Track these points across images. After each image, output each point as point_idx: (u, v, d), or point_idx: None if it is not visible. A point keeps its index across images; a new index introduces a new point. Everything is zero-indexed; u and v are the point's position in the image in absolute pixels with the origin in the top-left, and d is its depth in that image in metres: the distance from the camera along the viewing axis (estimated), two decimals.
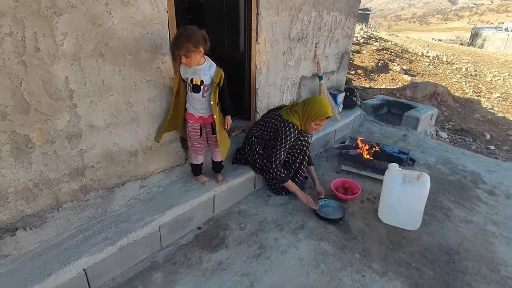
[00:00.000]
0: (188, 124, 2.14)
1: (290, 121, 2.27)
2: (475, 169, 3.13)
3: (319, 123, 2.29)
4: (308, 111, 2.27)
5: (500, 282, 1.87)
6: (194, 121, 2.11)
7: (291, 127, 2.25)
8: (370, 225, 2.30)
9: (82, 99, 1.77)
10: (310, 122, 2.29)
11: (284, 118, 2.31)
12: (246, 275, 1.84)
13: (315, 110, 2.25)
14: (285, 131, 2.25)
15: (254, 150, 2.45)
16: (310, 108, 2.27)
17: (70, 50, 1.65)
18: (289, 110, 2.36)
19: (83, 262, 1.62)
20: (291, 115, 2.31)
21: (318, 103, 2.27)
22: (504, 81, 9.50)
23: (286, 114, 2.32)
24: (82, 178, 1.89)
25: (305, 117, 2.29)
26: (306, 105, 2.30)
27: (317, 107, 2.25)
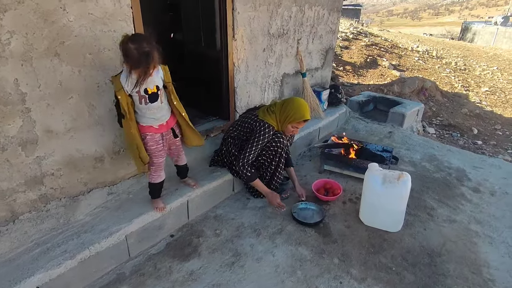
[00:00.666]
0: (146, 139, 1.83)
1: (266, 121, 2.17)
2: (461, 166, 3.07)
3: (296, 125, 2.20)
4: (286, 112, 2.18)
5: (482, 284, 1.80)
6: (154, 132, 1.84)
7: (266, 127, 2.16)
8: (351, 227, 2.22)
9: (37, 103, 1.64)
10: (287, 124, 2.19)
11: (261, 118, 2.21)
12: (218, 286, 1.74)
13: (293, 112, 2.16)
14: (259, 130, 2.15)
15: (230, 152, 2.34)
16: (288, 109, 2.18)
17: (19, 49, 1.52)
18: (267, 110, 2.26)
19: (37, 279, 1.51)
20: (267, 116, 2.21)
21: (297, 105, 2.17)
22: (492, 75, 9.52)
23: (263, 114, 2.22)
24: (41, 187, 1.77)
25: (282, 118, 2.20)
26: (285, 106, 2.21)
27: (295, 109, 2.16)
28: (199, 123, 2.91)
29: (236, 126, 2.37)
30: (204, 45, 2.94)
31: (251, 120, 2.26)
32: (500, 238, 2.17)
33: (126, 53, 1.58)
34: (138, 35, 1.70)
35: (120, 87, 1.65)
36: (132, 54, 1.57)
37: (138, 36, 1.66)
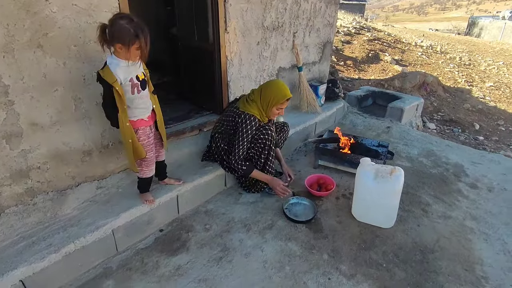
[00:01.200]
0: (139, 133, 1.77)
1: (247, 112, 2.14)
2: (459, 161, 3.01)
3: (280, 106, 2.17)
4: (267, 97, 2.15)
5: (475, 282, 1.76)
6: (144, 126, 1.80)
7: (248, 118, 2.12)
8: (342, 223, 2.19)
9: (20, 95, 1.63)
10: (270, 108, 2.16)
11: (241, 110, 2.17)
12: (204, 281, 1.72)
13: (274, 95, 2.13)
14: (243, 123, 2.12)
15: (219, 147, 2.31)
16: (268, 93, 2.15)
17: (0, 41, 1.50)
18: (246, 100, 2.22)
19: (20, 273, 1.50)
20: (248, 106, 2.17)
21: (275, 87, 2.15)
22: (498, 70, 9.35)
23: (243, 106, 2.18)
24: (27, 181, 1.76)
25: (264, 104, 2.16)
26: (263, 91, 2.17)
27: (275, 90, 2.13)
28: (193, 117, 2.88)
29: (222, 122, 2.33)
30: (197, 38, 2.90)
31: (233, 113, 2.22)
32: (496, 235, 2.12)
33: (120, 31, 1.50)
34: (122, 13, 1.64)
35: (114, 78, 1.57)
36: (126, 30, 1.49)
37: (123, 13, 1.61)
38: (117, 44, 1.53)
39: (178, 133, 2.60)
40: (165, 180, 2.16)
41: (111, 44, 1.55)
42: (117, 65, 1.60)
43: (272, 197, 2.43)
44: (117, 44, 1.53)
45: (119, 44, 1.52)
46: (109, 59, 1.61)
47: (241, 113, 2.15)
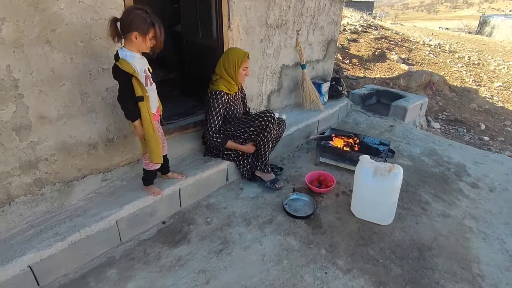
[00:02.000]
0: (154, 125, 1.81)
1: (214, 89, 2.25)
2: (461, 161, 3.00)
3: (245, 66, 2.28)
4: (231, 63, 2.25)
5: (470, 280, 1.78)
6: (155, 120, 1.87)
7: (214, 93, 2.23)
8: (341, 219, 2.22)
9: (29, 89, 1.69)
10: (237, 70, 2.26)
11: (209, 91, 2.29)
12: (203, 272, 1.77)
13: (235, 57, 2.24)
14: (210, 99, 2.24)
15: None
16: (231, 59, 2.25)
17: (11, 36, 1.56)
18: (212, 82, 2.35)
19: (28, 258, 1.57)
20: (213, 86, 2.29)
21: (233, 51, 2.28)
22: (508, 70, 9.19)
23: (210, 88, 2.31)
24: (35, 172, 1.83)
25: (231, 70, 2.26)
26: (224, 61, 2.27)
27: (234, 53, 2.26)
28: (196, 113, 2.93)
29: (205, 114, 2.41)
30: (201, 35, 2.94)
31: (206, 100, 2.33)
32: (495, 234, 2.13)
33: (137, 20, 1.57)
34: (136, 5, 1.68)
35: (133, 69, 1.62)
36: (143, 19, 1.57)
37: (137, 5, 1.66)
38: (134, 32, 1.58)
39: (181, 129, 2.65)
40: (168, 174, 2.21)
41: (126, 33, 1.61)
42: (133, 56, 1.66)
43: (273, 193, 2.47)
44: (134, 32, 1.58)
45: (135, 33, 1.58)
46: (121, 52, 1.65)
47: (208, 94, 2.27)
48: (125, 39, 1.64)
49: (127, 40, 1.64)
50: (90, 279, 1.72)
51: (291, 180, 2.65)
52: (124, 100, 1.70)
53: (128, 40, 1.63)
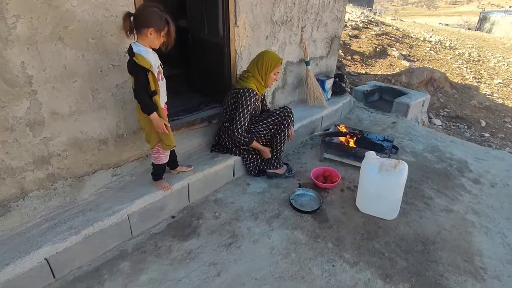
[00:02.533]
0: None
1: (245, 87, 2.29)
2: (463, 157, 3.05)
3: (276, 71, 2.37)
4: (264, 65, 2.32)
5: (473, 272, 1.83)
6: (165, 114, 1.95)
7: (247, 91, 2.29)
8: (347, 214, 2.26)
9: (43, 85, 1.71)
10: (269, 73, 2.34)
11: (239, 87, 2.33)
12: (214, 265, 1.82)
13: (270, 61, 2.32)
14: (243, 96, 2.29)
15: (230, 135, 2.42)
16: (265, 61, 2.32)
17: (25, 33, 1.58)
18: (241, 78, 2.38)
19: (44, 251, 1.61)
20: (244, 82, 2.33)
21: (269, 54, 2.35)
22: (508, 67, 9.22)
23: (240, 83, 2.35)
24: (48, 167, 1.86)
25: (263, 72, 2.33)
26: (259, 63, 2.34)
27: (270, 57, 2.33)
28: (203, 109, 2.96)
29: (225, 111, 2.46)
30: (207, 32, 2.96)
31: (232, 95, 2.37)
32: (496, 228, 2.18)
33: (153, 17, 1.64)
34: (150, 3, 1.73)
35: (149, 64, 1.67)
36: (158, 16, 1.64)
37: (152, 3, 1.70)
38: (150, 29, 1.65)
39: (188, 125, 2.68)
40: (177, 169, 2.25)
41: (141, 29, 1.66)
42: (147, 51, 1.71)
43: (279, 188, 2.51)
44: (150, 29, 1.65)
45: (151, 29, 1.65)
46: (135, 47, 1.68)
47: (239, 90, 2.29)
48: (139, 34, 1.69)
49: (141, 35, 1.68)
50: (104, 272, 1.76)
51: (297, 175, 2.69)
52: (142, 94, 1.73)
53: (142, 35, 1.68)
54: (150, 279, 1.72)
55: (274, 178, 2.63)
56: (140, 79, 1.69)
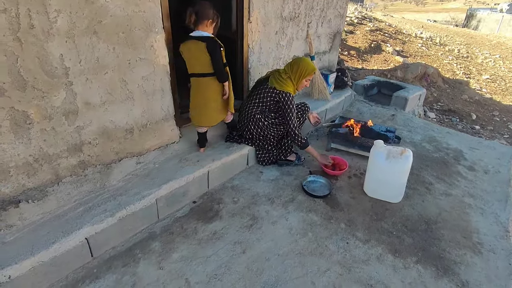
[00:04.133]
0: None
1: (286, 91, 2.45)
2: (458, 147, 3.28)
3: (308, 78, 2.53)
4: (299, 71, 2.47)
5: (471, 247, 2.04)
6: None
7: (290, 96, 2.46)
8: (356, 198, 2.44)
9: (78, 77, 1.81)
10: (301, 80, 2.50)
11: (279, 89, 2.46)
12: (239, 243, 1.97)
13: (305, 68, 2.47)
14: (288, 101, 2.46)
15: (261, 126, 2.56)
16: (301, 68, 2.48)
17: (64, 27, 1.67)
18: (279, 79, 2.49)
19: (85, 232, 1.73)
20: (284, 85, 2.46)
21: (304, 62, 2.50)
22: (494, 63, 9.61)
23: (279, 85, 2.46)
24: (80, 154, 1.96)
25: (297, 77, 2.49)
26: (295, 67, 2.48)
27: (305, 65, 2.48)
28: None
29: (256, 103, 2.55)
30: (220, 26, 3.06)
31: (270, 93, 2.49)
32: (490, 209, 2.40)
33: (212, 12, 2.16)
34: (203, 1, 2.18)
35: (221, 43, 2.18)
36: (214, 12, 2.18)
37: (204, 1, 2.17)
38: (209, 20, 2.16)
39: None
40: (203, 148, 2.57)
41: (203, 20, 2.14)
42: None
43: (291, 176, 2.67)
44: (209, 20, 2.16)
45: (210, 21, 2.16)
46: (205, 33, 2.16)
47: (281, 92, 2.45)
48: (201, 24, 2.16)
49: (202, 25, 2.16)
50: (137, 251, 1.89)
51: (306, 164, 2.85)
52: (222, 66, 2.21)
53: (202, 26, 2.16)
54: (181, 257, 1.86)
55: (284, 166, 2.78)
56: (220, 55, 2.17)
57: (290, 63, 2.53)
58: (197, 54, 2.16)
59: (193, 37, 2.16)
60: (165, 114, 2.34)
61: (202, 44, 2.12)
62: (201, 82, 2.25)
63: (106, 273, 1.74)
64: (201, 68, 2.20)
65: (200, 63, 2.19)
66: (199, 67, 2.21)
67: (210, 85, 2.25)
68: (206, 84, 2.25)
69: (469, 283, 1.79)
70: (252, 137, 2.64)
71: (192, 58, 2.20)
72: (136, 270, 1.77)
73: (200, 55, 2.15)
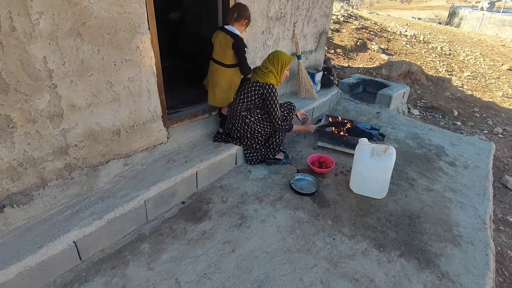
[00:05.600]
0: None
1: (270, 83, 2.51)
2: (440, 143, 3.39)
3: (288, 67, 2.64)
4: (281, 62, 2.56)
5: (451, 239, 2.13)
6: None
7: (273, 87, 2.52)
8: (342, 195, 2.51)
9: (62, 79, 1.79)
10: (283, 71, 2.59)
11: (263, 81, 2.51)
12: (228, 242, 2.00)
13: (284, 59, 2.57)
14: (271, 93, 2.51)
15: (247, 123, 2.59)
16: (281, 59, 2.56)
17: (47, 29, 1.65)
18: (261, 74, 2.55)
19: (73, 235, 1.72)
20: (266, 77, 2.52)
21: (281, 54, 2.59)
22: (475, 60, 9.90)
23: (262, 78, 2.53)
24: (66, 157, 1.94)
25: (279, 69, 2.56)
26: (275, 60, 2.56)
27: (283, 56, 2.58)
28: (203, 101, 3.07)
29: (242, 99, 2.58)
30: (206, 26, 3.06)
31: (255, 87, 2.54)
32: (469, 203, 2.51)
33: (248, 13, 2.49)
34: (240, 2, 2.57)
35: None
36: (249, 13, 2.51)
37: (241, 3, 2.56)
38: (245, 20, 2.50)
39: (191, 116, 2.80)
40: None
41: (240, 19, 2.46)
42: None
43: (279, 174, 2.71)
44: (245, 20, 2.50)
45: (246, 21, 2.51)
46: (234, 30, 2.45)
47: (264, 84, 2.51)
48: (237, 22, 2.47)
49: (238, 23, 2.48)
50: (126, 253, 1.89)
51: (294, 162, 2.90)
52: (246, 61, 2.53)
53: (239, 24, 2.48)
54: (171, 257, 1.87)
55: (273, 165, 2.82)
56: (243, 50, 2.46)
57: (268, 59, 2.59)
58: (222, 44, 2.46)
59: (226, 30, 2.45)
60: (152, 115, 2.34)
61: (230, 40, 2.43)
62: (213, 67, 2.57)
63: (95, 276, 1.74)
64: (219, 56, 2.51)
65: (220, 52, 2.50)
66: (218, 55, 2.51)
67: (219, 72, 2.54)
68: (216, 70, 2.55)
69: (449, 274, 1.88)
70: (240, 136, 2.66)
71: (217, 46, 2.51)
72: (126, 272, 1.77)
73: (224, 47, 2.46)
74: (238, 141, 2.70)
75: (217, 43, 2.51)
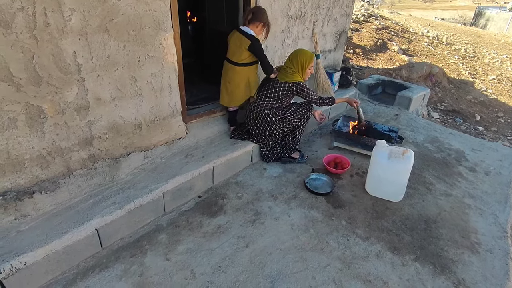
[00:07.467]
0: None
1: (298, 81, 2.55)
2: (460, 148, 3.30)
3: (311, 66, 2.63)
4: (302, 62, 2.55)
5: (469, 246, 2.09)
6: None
7: (302, 84, 2.57)
8: (357, 196, 2.49)
9: (89, 73, 1.87)
10: (305, 69, 2.58)
11: (291, 82, 2.54)
12: (242, 237, 2.04)
13: (305, 58, 2.55)
14: (302, 88, 2.56)
15: (268, 121, 2.60)
16: (301, 59, 2.55)
17: (78, 25, 1.73)
18: (287, 73, 2.57)
19: (95, 223, 1.80)
20: (293, 77, 2.54)
21: (301, 53, 2.58)
22: (501, 63, 9.52)
23: (289, 78, 2.54)
24: (90, 148, 2.03)
25: (300, 69, 2.56)
26: (296, 60, 2.55)
27: (304, 55, 2.56)
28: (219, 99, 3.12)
29: (267, 98, 2.59)
30: (226, 24, 3.10)
31: (282, 87, 2.56)
32: (490, 210, 2.44)
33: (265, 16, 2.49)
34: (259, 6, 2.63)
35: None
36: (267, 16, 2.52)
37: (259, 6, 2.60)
38: (261, 23, 2.49)
39: (209, 113, 2.85)
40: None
41: (255, 21, 2.47)
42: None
43: (294, 173, 2.73)
44: (261, 23, 2.49)
45: (262, 23, 2.50)
46: (250, 31, 2.47)
47: (294, 84, 2.54)
48: (252, 24, 2.48)
49: (253, 25, 2.48)
50: (144, 243, 1.96)
51: (309, 162, 2.90)
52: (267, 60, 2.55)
53: (253, 26, 2.48)
54: (187, 249, 1.93)
55: (288, 164, 2.84)
56: (261, 50, 2.49)
57: (289, 59, 2.59)
58: (237, 45, 2.49)
59: (241, 30, 2.48)
60: (173, 110, 2.40)
61: (246, 41, 2.44)
62: (227, 66, 2.60)
63: (115, 262, 1.82)
64: (233, 56, 2.53)
65: (235, 52, 2.52)
66: (233, 55, 2.53)
67: (232, 71, 2.58)
68: (229, 70, 2.59)
69: (466, 281, 1.85)
70: (258, 133, 2.69)
71: (232, 45, 2.53)
72: (144, 260, 1.84)
73: (239, 47, 2.48)
74: (255, 138, 2.73)
75: (232, 43, 2.53)
